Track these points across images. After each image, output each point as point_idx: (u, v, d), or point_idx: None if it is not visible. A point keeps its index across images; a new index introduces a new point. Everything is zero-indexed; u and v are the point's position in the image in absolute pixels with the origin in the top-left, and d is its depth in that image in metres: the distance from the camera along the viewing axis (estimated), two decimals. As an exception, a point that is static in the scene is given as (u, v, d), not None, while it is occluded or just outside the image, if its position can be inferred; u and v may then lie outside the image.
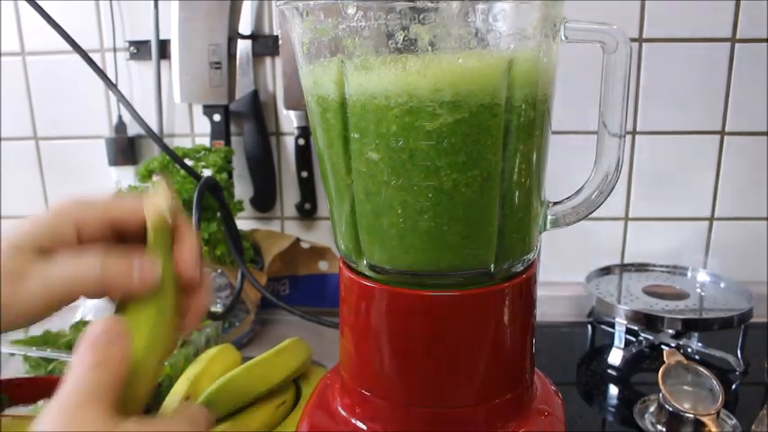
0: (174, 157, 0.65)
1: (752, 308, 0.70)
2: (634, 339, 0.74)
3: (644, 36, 0.80)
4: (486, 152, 0.37)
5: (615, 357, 0.71)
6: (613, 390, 0.68)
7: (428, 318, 0.40)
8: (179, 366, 0.60)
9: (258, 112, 0.87)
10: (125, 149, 0.88)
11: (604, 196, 0.44)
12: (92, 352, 0.30)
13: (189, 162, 0.77)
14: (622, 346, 0.71)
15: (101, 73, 0.60)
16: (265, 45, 0.86)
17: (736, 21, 0.78)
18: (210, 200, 0.71)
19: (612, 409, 0.66)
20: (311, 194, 0.90)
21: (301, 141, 0.87)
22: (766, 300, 0.80)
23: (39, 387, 0.54)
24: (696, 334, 0.73)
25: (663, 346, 0.73)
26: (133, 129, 0.89)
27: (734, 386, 0.67)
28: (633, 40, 0.80)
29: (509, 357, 0.44)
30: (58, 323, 0.69)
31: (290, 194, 0.91)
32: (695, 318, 0.69)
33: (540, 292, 0.47)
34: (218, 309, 0.72)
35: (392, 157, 0.37)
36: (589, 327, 0.80)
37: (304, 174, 0.89)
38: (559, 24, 0.40)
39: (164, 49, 0.86)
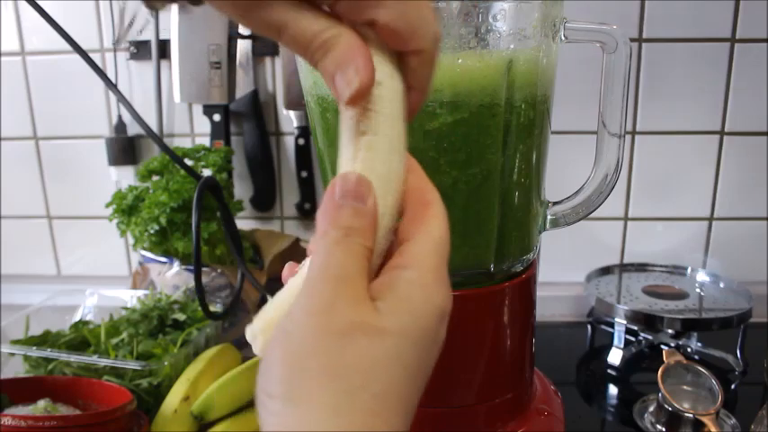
0: (174, 157, 0.65)
1: (751, 308, 0.70)
2: (633, 339, 0.74)
3: (644, 36, 0.80)
4: (486, 152, 0.38)
5: (615, 357, 0.71)
6: (613, 389, 0.68)
7: (428, 317, 0.40)
8: (179, 366, 0.60)
9: (258, 112, 0.87)
10: (125, 149, 0.88)
11: (604, 196, 0.44)
12: (335, 225, 0.25)
13: (189, 162, 0.77)
14: (622, 345, 0.71)
15: (101, 73, 0.60)
16: (265, 45, 0.86)
17: (736, 21, 0.78)
18: (210, 200, 0.71)
19: (612, 409, 0.66)
20: (311, 194, 0.90)
21: (301, 141, 0.87)
22: (766, 300, 0.80)
23: (39, 387, 0.54)
24: (695, 334, 0.73)
25: (662, 346, 0.73)
26: (133, 129, 0.89)
27: (733, 386, 0.67)
28: (633, 40, 0.80)
29: (509, 357, 0.44)
30: (58, 323, 0.69)
31: (289, 194, 0.91)
32: (695, 318, 0.70)
33: (540, 293, 0.47)
34: (218, 309, 0.72)
35: (392, 156, 0.37)
36: (589, 327, 0.80)
37: (304, 174, 0.89)
38: (559, 24, 0.40)
39: (164, 49, 0.86)
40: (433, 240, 0.26)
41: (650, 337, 0.73)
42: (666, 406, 0.56)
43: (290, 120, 0.87)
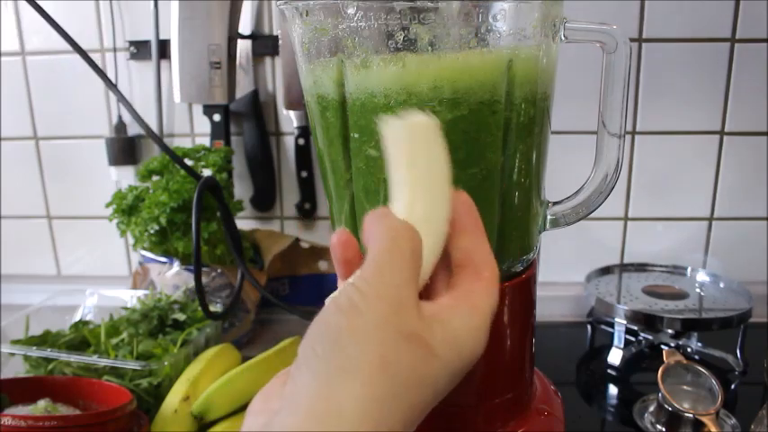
0: (174, 157, 0.65)
1: (751, 308, 0.70)
2: (633, 339, 0.74)
3: (644, 36, 0.80)
4: (486, 150, 0.37)
5: (615, 357, 0.71)
6: (613, 389, 0.68)
7: (428, 317, 0.40)
8: (179, 366, 0.60)
9: (258, 112, 0.87)
10: (125, 149, 0.89)
11: (604, 196, 0.44)
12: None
13: (189, 162, 0.77)
14: (622, 345, 0.71)
15: (101, 73, 0.60)
16: (265, 45, 0.86)
17: (736, 21, 0.78)
18: (210, 200, 0.71)
19: (612, 409, 0.66)
20: (311, 194, 0.90)
21: (301, 141, 0.87)
22: (766, 300, 0.80)
23: (39, 387, 0.54)
24: (695, 334, 0.73)
25: (662, 346, 0.73)
26: (133, 129, 0.89)
27: (733, 386, 0.67)
28: (633, 40, 0.80)
29: (509, 357, 0.44)
30: (58, 323, 0.69)
31: (289, 194, 0.91)
32: (695, 318, 0.69)
33: (540, 292, 0.47)
34: (218, 309, 0.72)
35: (392, 156, 0.37)
36: (589, 327, 0.80)
37: (304, 174, 0.89)
38: (559, 24, 0.40)
39: (164, 49, 0.86)
40: (493, 307, 0.31)
41: (650, 337, 0.73)
42: (666, 406, 0.56)
43: (290, 120, 0.87)
